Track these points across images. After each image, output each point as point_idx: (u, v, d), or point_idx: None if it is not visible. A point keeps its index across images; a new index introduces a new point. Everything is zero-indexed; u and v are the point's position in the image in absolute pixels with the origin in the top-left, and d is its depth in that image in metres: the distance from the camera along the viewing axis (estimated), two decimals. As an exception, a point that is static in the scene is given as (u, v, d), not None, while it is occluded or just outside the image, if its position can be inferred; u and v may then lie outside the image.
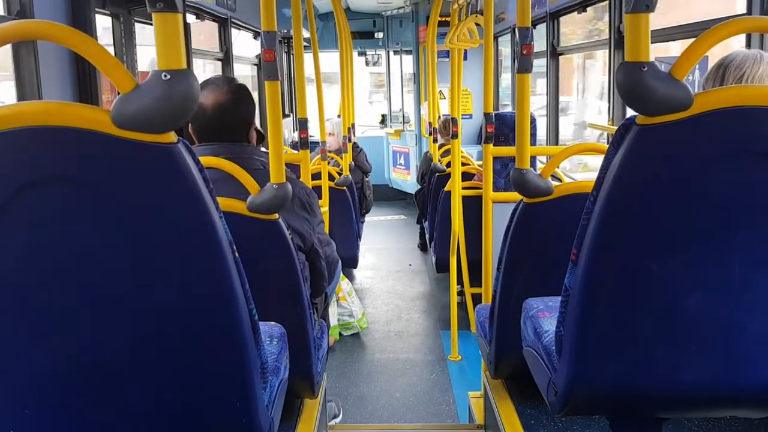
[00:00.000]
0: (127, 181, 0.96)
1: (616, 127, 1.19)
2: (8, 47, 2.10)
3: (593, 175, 1.25)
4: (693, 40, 1.12)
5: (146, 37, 3.22)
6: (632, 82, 1.08)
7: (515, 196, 1.96)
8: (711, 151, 1.11)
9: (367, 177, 5.78)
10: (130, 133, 0.93)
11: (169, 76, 0.92)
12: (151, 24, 3.48)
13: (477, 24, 4.17)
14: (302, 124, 2.84)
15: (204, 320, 1.06)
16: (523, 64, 2.02)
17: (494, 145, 2.91)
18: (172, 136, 0.95)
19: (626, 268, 1.19)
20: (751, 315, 1.18)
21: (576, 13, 4.58)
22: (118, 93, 0.93)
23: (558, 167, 2.54)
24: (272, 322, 1.54)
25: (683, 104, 1.08)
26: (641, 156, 1.12)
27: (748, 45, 2.40)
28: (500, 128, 4.34)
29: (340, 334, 4.20)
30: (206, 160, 1.67)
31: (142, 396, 1.11)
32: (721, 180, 1.12)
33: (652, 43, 1.11)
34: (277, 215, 1.71)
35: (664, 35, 3.27)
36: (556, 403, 1.37)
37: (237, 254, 1.07)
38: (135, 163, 0.95)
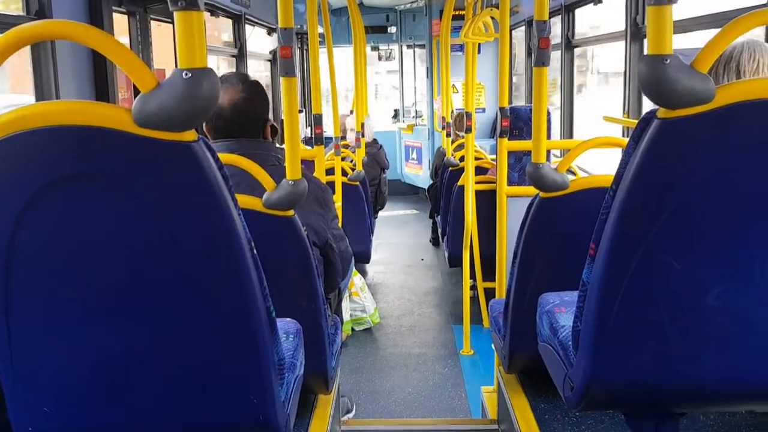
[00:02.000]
0: (149, 178, 0.97)
1: (633, 120, 1.18)
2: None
3: (606, 169, 1.24)
4: (713, 31, 1.11)
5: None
6: (655, 75, 1.07)
7: (530, 190, 1.95)
8: (733, 144, 1.10)
9: (384, 173, 5.79)
10: (151, 131, 0.93)
11: (190, 75, 0.92)
12: (167, 22, 3.50)
13: (491, 17, 4.15)
14: (317, 120, 2.84)
15: (222, 317, 1.06)
16: (540, 58, 2.01)
17: (508, 139, 2.90)
18: (192, 134, 0.95)
19: (645, 263, 1.18)
20: None
21: (592, 4, 4.54)
22: (135, 90, 0.94)
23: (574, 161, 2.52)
24: (288, 319, 1.54)
25: (706, 97, 1.06)
26: (662, 150, 1.11)
27: None
28: (514, 122, 4.32)
29: (353, 329, 4.20)
30: (223, 157, 1.67)
31: (160, 392, 1.11)
32: (742, 173, 1.10)
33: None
34: (292, 212, 1.71)
35: (684, 26, 3.23)
36: (572, 398, 1.36)
37: (255, 251, 1.07)
38: (156, 161, 0.96)
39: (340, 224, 2.39)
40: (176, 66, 0.93)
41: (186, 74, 0.92)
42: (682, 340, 1.21)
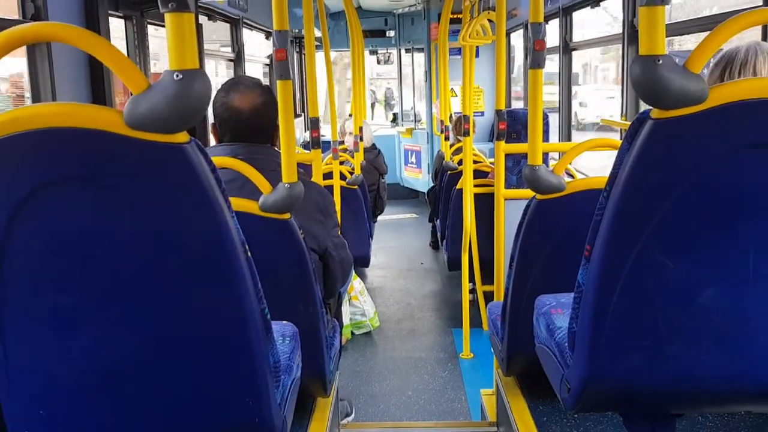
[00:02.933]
0: (141, 180, 0.97)
1: (629, 122, 1.18)
2: (23, 50, 2.11)
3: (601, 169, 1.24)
4: (705, 33, 1.11)
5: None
6: (647, 76, 1.07)
7: (527, 193, 1.95)
8: (726, 144, 1.10)
9: (383, 178, 5.79)
10: (142, 133, 0.94)
11: (181, 76, 0.92)
12: (164, 26, 3.50)
13: (489, 20, 4.15)
14: (314, 124, 2.85)
15: (216, 319, 1.06)
16: (535, 60, 2.01)
17: (506, 142, 2.90)
18: (184, 136, 0.95)
19: (640, 264, 1.18)
20: (766, 309, 1.17)
21: (590, 7, 4.55)
22: (131, 94, 0.94)
23: (570, 163, 2.52)
24: (285, 321, 1.54)
25: (699, 97, 1.07)
26: (656, 150, 1.11)
27: (764, 37, 2.37)
28: (512, 125, 4.33)
29: (352, 332, 4.20)
30: (219, 161, 1.68)
31: (155, 395, 1.11)
32: (736, 173, 1.11)
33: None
34: (289, 215, 1.71)
35: (677, 28, 3.24)
36: (569, 400, 1.36)
37: (249, 254, 1.07)
38: (147, 163, 0.96)
39: (339, 228, 2.39)
40: None
41: (177, 75, 0.92)
42: (678, 340, 1.21)
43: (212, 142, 2.06)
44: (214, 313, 1.06)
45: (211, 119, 2.04)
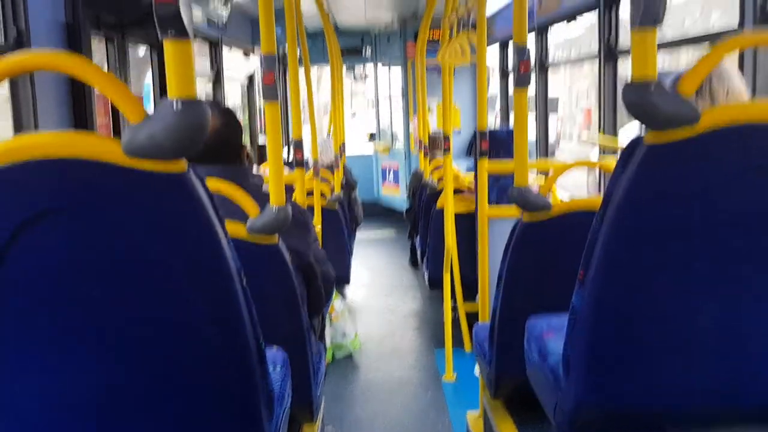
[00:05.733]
0: (139, 209, 0.95)
1: (608, 138, 1.19)
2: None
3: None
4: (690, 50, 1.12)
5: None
6: (640, 100, 1.08)
7: (510, 211, 1.96)
8: (718, 168, 1.11)
9: (354, 191, 5.79)
10: (141, 162, 0.91)
11: (180, 106, 0.91)
12: (144, 45, 3.48)
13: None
14: (297, 145, 2.83)
15: (212, 349, 1.04)
16: (521, 80, 2.03)
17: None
18: (183, 165, 0.94)
19: (635, 288, 1.18)
20: (760, 330, 1.18)
21: (565, 22, 4.61)
22: (113, 115, 0.91)
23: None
24: (275, 348, 1.52)
25: (690, 121, 1.08)
26: (649, 174, 1.12)
27: (741, 58, 2.42)
28: (491, 143, 4.35)
29: (334, 355, 4.16)
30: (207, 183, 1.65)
31: (146, 424, 1.08)
32: (728, 196, 1.12)
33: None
34: (276, 238, 1.69)
35: (666, 48, 3.29)
36: (563, 424, 1.35)
37: (245, 281, 1.05)
38: (147, 192, 0.94)
39: (320, 245, 2.38)
40: (153, 92, 0.92)
41: (177, 105, 0.90)
42: (673, 362, 1.21)
43: None
44: (211, 342, 1.03)
45: None
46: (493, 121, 7.67)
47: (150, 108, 1.05)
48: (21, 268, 0.93)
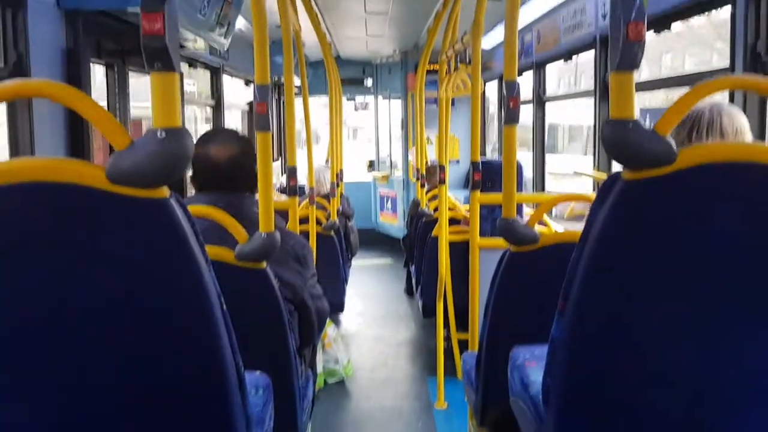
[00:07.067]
0: (120, 234, 0.97)
1: (602, 173, 1.21)
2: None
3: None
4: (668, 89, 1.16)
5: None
6: (618, 139, 1.11)
7: (502, 242, 1.98)
8: (695, 205, 1.13)
9: (350, 221, 5.81)
10: (123, 188, 0.94)
11: (164, 135, 0.94)
12: (145, 73, 3.53)
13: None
14: (291, 172, 2.87)
15: (190, 375, 1.05)
16: (510, 116, 2.06)
17: (481, 191, 2.94)
18: (165, 191, 0.96)
19: (613, 321, 1.19)
20: (739, 363, 1.19)
21: (562, 61, 4.70)
22: (111, 148, 0.94)
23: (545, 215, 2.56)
24: (257, 372, 1.53)
25: (667, 159, 1.10)
26: (627, 210, 1.14)
27: (732, 98, 2.47)
28: (486, 173, 4.38)
29: (325, 381, 4.14)
30: (195, 209, 1.68)
31: None
32: (704, 234, 1.13)
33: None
34: (264, 264, 1.71)
35: (647, 87, 3.35)
36: None
37: (225, 307, 1.06)
38: (128, 217, 0.96)
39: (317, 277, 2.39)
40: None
41: (161, 134, 0.93)
42: (652, 396, 1.22)
43: (191, 191, 2.07)
44: (188, 368, 1.05)
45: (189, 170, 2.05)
46: (489, 151, 7.73)
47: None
48: (3, 289, 0.95)
